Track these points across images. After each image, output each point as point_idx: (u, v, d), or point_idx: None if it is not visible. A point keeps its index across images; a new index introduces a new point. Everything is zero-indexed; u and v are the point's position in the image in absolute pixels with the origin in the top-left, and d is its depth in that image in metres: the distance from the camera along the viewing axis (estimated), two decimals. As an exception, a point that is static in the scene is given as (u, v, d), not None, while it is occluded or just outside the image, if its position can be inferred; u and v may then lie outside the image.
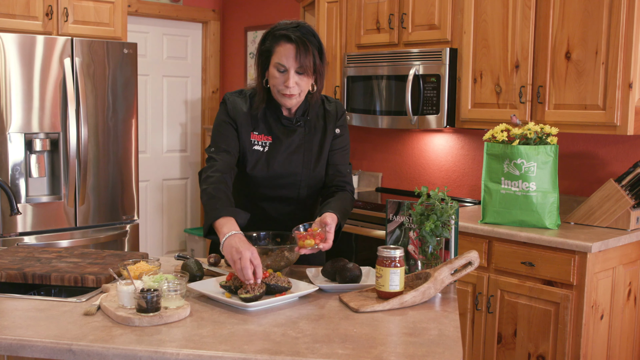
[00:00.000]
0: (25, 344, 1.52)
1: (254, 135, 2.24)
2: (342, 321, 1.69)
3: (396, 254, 1.83)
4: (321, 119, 2.32)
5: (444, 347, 1.52)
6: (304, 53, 2.11)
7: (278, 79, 2.15)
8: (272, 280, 1.84)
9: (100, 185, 4.15)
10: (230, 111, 2.25)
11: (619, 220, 3.03)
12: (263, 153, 2.24)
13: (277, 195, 2.28)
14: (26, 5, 3.95)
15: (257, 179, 2.25)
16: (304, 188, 2.30)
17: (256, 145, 2.24)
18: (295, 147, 2.27)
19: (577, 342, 2.82)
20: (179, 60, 5.63)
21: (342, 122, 2.35)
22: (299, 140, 2.27)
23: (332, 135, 2.32)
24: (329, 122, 2.32)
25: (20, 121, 3.82)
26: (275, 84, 2.16)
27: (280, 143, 2.25)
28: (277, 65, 2.13)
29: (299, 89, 2.16)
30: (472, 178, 3.99)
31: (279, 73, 2.14)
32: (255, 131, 2.25)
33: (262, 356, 1.45)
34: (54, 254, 2.26)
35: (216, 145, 2.22)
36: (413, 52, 3.73)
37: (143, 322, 1.63)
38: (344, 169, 2.35)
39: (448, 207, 1.95)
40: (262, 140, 2.25)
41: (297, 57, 2.11)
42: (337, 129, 2.33)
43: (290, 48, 2.11)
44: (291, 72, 2.12)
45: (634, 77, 2.95)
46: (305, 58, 2.11)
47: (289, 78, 2.12)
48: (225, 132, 2.23)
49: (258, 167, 2.24)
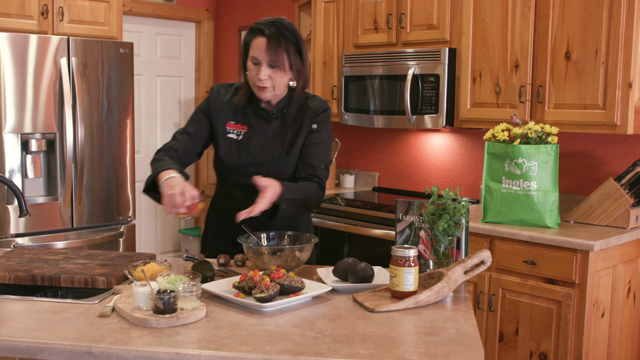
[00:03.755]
0: (43, 347, 1.50)
1: (230, 124, 2.37)
2: (359, 321, 1.69)
3: (410, 254, 1.84)
4: (301, 114, 2.36)
5: (465, 346, 1.52)
6: (275, 47, 2.20)
7: (252, 72, 2.25)
8: (286, 281, 1.83)
9: (96, 185, 4.11)
10: (210, 100, 2.40)
11: (618, 219, 3.06)
12: (236, 141, 2.35)
13: (247, 183, 2.26)
14: (21, 5, 3.91)
15: (228, 165, 2.36)
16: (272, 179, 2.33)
17: (230, 133, 2.36)
18: (268, 138, 2.35)
19: (579, 340, 2.85)
20: (173, 60, 5.60)
21: (321, 119, 2.37)
22: (272, 131, 2.35)
23: (307, 130, 2.35)
24: (307, 118, 2.35)
25: (16, 121, 3.78)
26: (250, 77, 2.28)
27: (254, 132, 2.35)
28: (252, 58, 2.24)
29: (271, 82, 2.24)
30: (470, 177, 4.01)
31: (253, 65, 2.25)
32: (232, 120, 2.36)
33: (285, 357, 1.44)
34: (60, 256, 2.24)
35: (186, 127, 2.41)
36: (411, 52, 3.74)
37: (160, 323, 1.62)
38: (316, 163, 2.32)
39: (460, 206, 1.96)
40: (237, 129, 2.36)
41: (268, 50, 2.19)
42: (314, 124, 2.36)
43: (262, 41, 2.21)
44: (263, 65, 2.22)
45: (634, 76, 2.98)
46: (277, 52, 2.20)
47: (261, 71, 2.22)
48: (195, 118, 2.41)
49: (230, 154, 2.35)
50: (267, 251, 2.05)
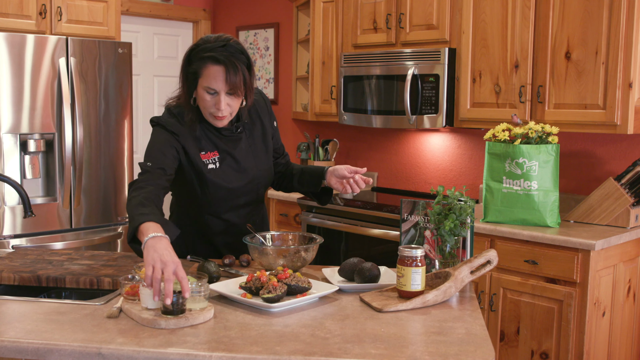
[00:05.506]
0: (52, 348, 1.49)
1: (202, 155, 2.19)
2: (367, 321, 1.69)
3: (418, 254, 1.84)
4: (253, 114, 2.32)
5: (475, 346, 1.53)
6: (233, 74, 2.04)
7: (209, 102, 2.08)
8: (293, 281, 1.83)
9: (94, 186, 4.10)
10: (176, 135, 2.14)
11: (618, 218, 3.07)
12: (218, 169, 2.21)
13: (238, 203, 2.29)
14: (19, 4, 3.89)
15: (218, 194, 2.23)
16: (262, 187, 2.37)
17: (210, 164, 2.20)
18: (245, 155, 2.27)
19: (580, 338, 2.86)
20: (170, 60, 5.59)
21: (272, 110, 2.42)
22: (245, 147, 2.27)
23: (270, 127, 2.38)
24: (264, 117, 2.35)
25: (14, 122, 3.76)
26: (206, 107, 2.10)
27: (230, 155, 2.23)
28: (207, 88, 2.06)
29: (230, 109, 2.11)
30: (469, 177, 4.02)
31: (210, 96, 2.07)
32: (202, 151, 2.19)
33: (297, 357, 1.44)
34: (64, 256, 2.23)
35: (154, 161, 2.08)
36: (411, 52, 3.74)
37: (169, 324, 1.61)
38: (284, 151, 2.51)
39: (467, 205, 1.96)
40: (211, 158, 2.20)
41: (227, 79, 2.04)
42: (274, 121, 2.41)
43: (219, 70, 2.04)
44: (222, 94, 2.06)
45: (634, 76, 2.99)
46: (235, 78, 2.05)
47: (220, 101, 2.07)
48: (165, 152, 2.11)
49: (218, 185, 2.21)
50: (272, 251, 2.05)
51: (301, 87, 4.91)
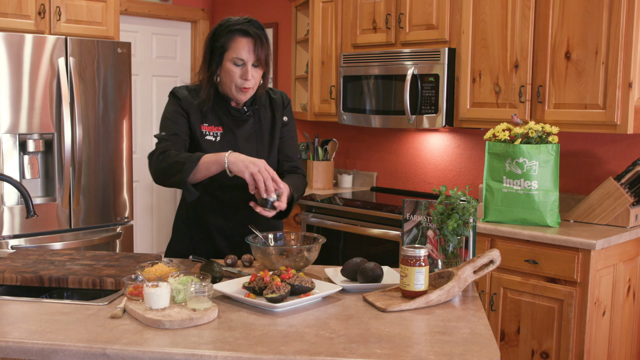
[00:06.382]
0: (57, 349, 1.49)
1: (204, 126, 2.31)
2: (371, 321, 1.69)
3: (421, 253, 1.84)
4: (268, 108, 2.40)
5: (480, 346, 1.53)
6: (260, 46, 2.21)
7: (236, 73, 2.22)
8: (296, 281, 1.83)
9: (93, 186, 4.09)
10: (182, 102, 2.30)
11: (618, 218, 3.08)
12: (215, 143, 2.30)
13: (232, 183, 2.26)
14: (18, 4, 3.89)
15: None
16: None
17: (208, 135, 2.31)
18: (247, 137, 2.35)
19: (581, 338, 2.86)
20: (168, 60, 5.58)
21: (289, 111, 2.46)
22: (250, 129, 2.35)
23: (280, 123, 2.41)
24: (277, 111, 2.41)
25: (13, 122, 3.75)
26: (232, 79, 2.23)
27: (232, 133, 2.33)
28: (235, 59, 2.21)
29: (254, 81, 2.25)
30: (469, 177, 4.02)
31: (236, 67, 2.22)
32: (205, 123, 2.31)
33: (302, 357, 1.44)
34: (65, 257, 2.23)
35: (167, 130, 2.26)
36: (410, 52, 3.75)
37: (173, 324, 1.61)
38: (294, 155, 2.47)
39: (470, 205, 1.96)
40: (213, 131, 2.32)
41: (255, 50, 2.20)
42: (285, 117, 2.43)
43: (247, 42, 2.20)
44: (249, 65, 2.21)
45: (634, 76, 3.00)
46: (261, 51, 2.21)
47: (247, 71, 2.21)
48: (176, 119, 2.28)
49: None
50: (275, 251, 2.05)
51: (300, 87, 4.91)
